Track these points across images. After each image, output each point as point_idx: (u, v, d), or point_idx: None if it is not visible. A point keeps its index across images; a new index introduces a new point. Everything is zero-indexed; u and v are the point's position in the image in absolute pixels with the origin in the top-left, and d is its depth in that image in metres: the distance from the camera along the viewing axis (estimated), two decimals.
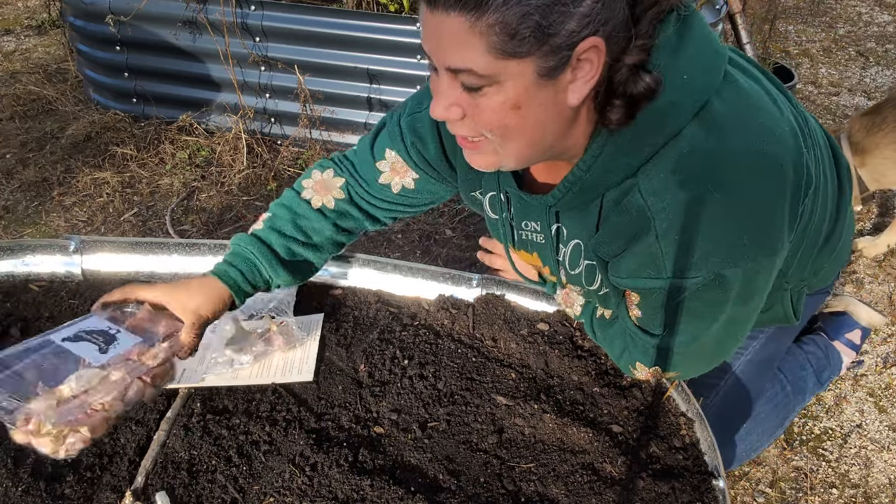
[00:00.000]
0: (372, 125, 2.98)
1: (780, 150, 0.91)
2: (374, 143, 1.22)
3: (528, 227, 1.12)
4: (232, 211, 2.66)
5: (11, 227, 2.55)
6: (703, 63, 0.88)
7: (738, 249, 0.90)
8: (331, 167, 1.24)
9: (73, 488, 0.98)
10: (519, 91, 0.80)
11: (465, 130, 0.88)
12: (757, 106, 0.92)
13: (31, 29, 4.09)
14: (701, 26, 0.88)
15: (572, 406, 1.14)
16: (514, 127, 0.84)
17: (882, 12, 4.52)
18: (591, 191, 0.94)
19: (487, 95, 0.81)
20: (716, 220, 0.88)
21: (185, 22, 2.87)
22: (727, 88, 0.90)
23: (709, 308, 0.98)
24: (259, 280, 1.15)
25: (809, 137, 1.06)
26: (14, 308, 1.28)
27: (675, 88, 0.85)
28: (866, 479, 1.70)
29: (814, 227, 1.12)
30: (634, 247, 0.93)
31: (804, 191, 0.97)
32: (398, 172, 1.20)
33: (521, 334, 1.27)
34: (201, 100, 3.06)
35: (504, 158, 0.90)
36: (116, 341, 0.94)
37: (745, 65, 1.00)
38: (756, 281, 0.97)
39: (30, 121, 3.17)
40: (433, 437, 1.08)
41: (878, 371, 1.99)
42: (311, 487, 0.99)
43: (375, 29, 2.75)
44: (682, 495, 1.00)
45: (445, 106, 0.84)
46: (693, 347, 1.04)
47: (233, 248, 1.16)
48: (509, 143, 0.87)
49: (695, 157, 0.87)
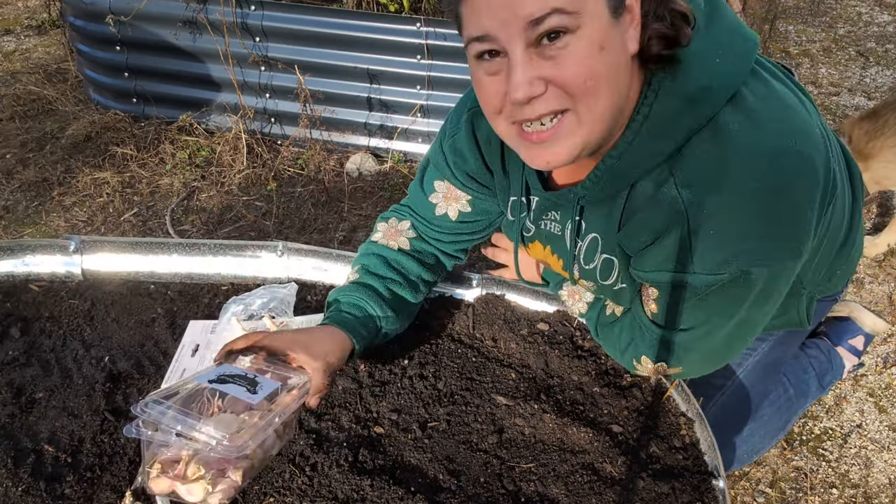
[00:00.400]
0: (372, 125, 2.99)
1: (815, 154, 0.91)
2: (422, 181, 1.25)
3: (549, 216, 1.12)
4: (232, 211, 2.66)
5: (11, 227, 2.55)
6: (734, 48, 0.88)
7: (769, 248, 0.90)
8: (392, 216, 1.28)
9: (73, 488, 0.98)
10: (601, 30, 0.80)
11: (551, 103, 0.83)
12: (792, 106, 0.92)
13: (31, 29, 4.09)
14: (728, 12, 0.89)
15: (572, 406, 1.14)
16: (603, 74, 0.82)
17: (882, 12, 4.51)
18: (622, 179, 0.94)
19: (570, 46, 0.79)
20: (751, 217, 0.88)
21: (186, 22, 2.87)
22: (755, 82, 0.90)
23: (728, 305, 0.98)
24: (371, 325, 1.14)
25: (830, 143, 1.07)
26: (14, 308, 1.28)
27: (707, 71, 0.85)
28: (866, 479, 1.70)
29: (832, 233, 1.12)
30: (664, 240, 0.93)
31: (830, 196, 0.97)
32: (451, 199, 1.22)
33: (521, 334, 1.27)
34: (201, 100, 3.06)
35: (584, 134, 0.86)
36: (260, 385, 0.89)
37: (770, 66, 1.00)
38: (778, 282, 0.97)
39: (30, 121, 3.17)
40: (433, 437, 1.08)
41: (879, 371, 1.99)
42: (311, 487, 0.99)
43: (375, 29, 2.75)
44: (682, 495, 1.00)
45: (528, 79, 0.81)
46: (704, 344, 1.04)
47: (338, 299, 1.17)
48: (598, 103, 0.83)
49: (733, 154, 0.87)
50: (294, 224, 2.62)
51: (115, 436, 1.05)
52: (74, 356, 1.19)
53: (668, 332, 1.04)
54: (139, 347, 1.21)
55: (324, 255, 1.38)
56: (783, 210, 0.89)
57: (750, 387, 1.44)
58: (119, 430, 1.06)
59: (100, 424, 1.07)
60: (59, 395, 1.11)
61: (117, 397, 1.12)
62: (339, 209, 2.70)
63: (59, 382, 1.13)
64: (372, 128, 3.01)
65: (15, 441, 1.04)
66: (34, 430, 1.06)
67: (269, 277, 1.38)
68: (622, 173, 0.93)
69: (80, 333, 1.24)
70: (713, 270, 0.91)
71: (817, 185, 0.92)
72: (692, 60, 0.87)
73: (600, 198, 0.99)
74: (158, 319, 1.27)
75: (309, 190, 2.81)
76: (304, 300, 1.34)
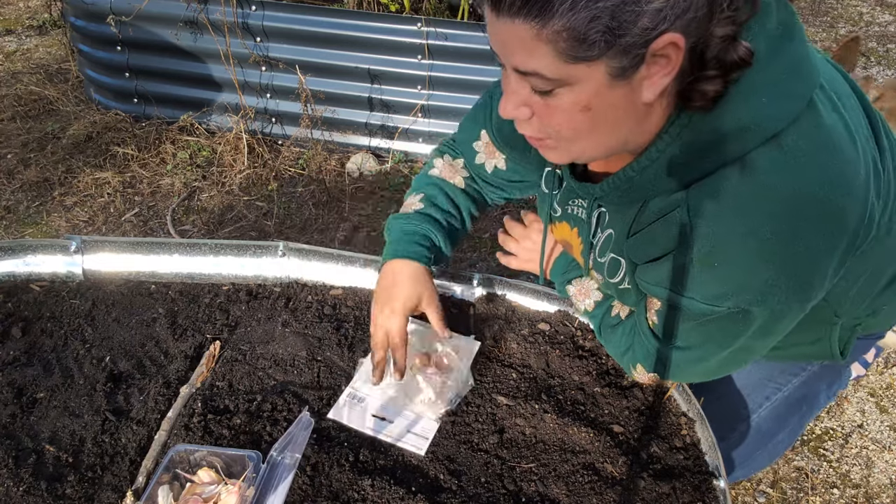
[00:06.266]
0: (372, 125, 2.99)
1: (848, 202, 0.84)
2: (473, 120, 1.24)
3: (576, 202, 1.11)
4: (233, 211, 2.66)
5: (13, 227, 2.55)
6: (789, 89, 0.81)
7: (773, 291, 0.86)
8: (447, 151, 1.31)
9: (74, 488, 0.98)
10: (590, 93, 0.77)
11: (532, 130, 0.85)
12: (835, 146, 0.84)
13: (32, 29, 4.10)
14: (800, 44, 0.82)
15: (573, 406, 1.14)
16: (583, 129, 0.81)
17: (883, 12, 4.51)
18: (637, 193, 0.92)
19: (558, 96, 0.79)
20: (759, 259, 0.84)
21: (186, 22, 2.87)
22: (808, 120, 0.83)
23: (725, 336, 0.96)
24: (435, 253, 1.22)
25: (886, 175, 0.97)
26: (15, 308, 1.28)
27: (750, 110, 0.79)
28: (867, 479, 1.70)
29: (875, 265, 1.04)
30: (668, 259, 0.91)
31: (860, 242, 0.91)
32: (490, 154, 1.23)
33: (521, 334, 1.27)
34: (202, 100, 3.06)
35: (574, 155, 0.88)
36: None
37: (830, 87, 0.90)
38: (780, 322, 0.93)
39: (31, 121, 3.17)
40: (434, 436, 1.08)
41: (879, 371, 1.99)
42: (312, 487, 0.99)
43: (376, 29, 2.75)
44: (682, 495, 1.00)
45: (515, 104, 0.82)
46: (697, 365, 1.03)
47: (402, 226, 1.22)
48: (576, 143, 0.84)
49: (755, 192, 0.82)
50: (295, 224, 2.62)
51: (116, 436, 1.06)
52: (75, 356, 1.19)
53: (664, 346, 1.03)
54: (140, 347, 1.21)
55: (325, 255, 1.38)
56: (795, 257, 0.84)
57: (772, 422, 1.39)
58: (120, 430, 1.06)
59: (101, 424, 1.07)
60: (60, 395, 1.11)
61: (118, 397, 1.12)
62: (339, 209, 2.71)
63: (60, 382, 1.14)
64: (373, 128, 3.01)
65: (16, 441, 1.04)
66: (35, 430, 1.06)
67: (269, 277, 1.38)
68: (639, 187, 0.91)
69: (81, 333, 1.24)
70: (711, 302, 0.89)
71: (843, 233, 0.86)
72: (735, 98, 0.80)
73: (616, 203, 0.99)
74: (159, 319, 1.27)
75: (310, 190, 2.81)
76: (304, 300, 1.34)
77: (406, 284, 1.15)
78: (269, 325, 1.28)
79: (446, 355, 1.18)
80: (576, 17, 0.70)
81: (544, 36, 0.72)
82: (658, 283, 0.94)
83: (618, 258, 1.04)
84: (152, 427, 1.07)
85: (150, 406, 1.10)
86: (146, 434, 1.06)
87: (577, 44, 0.72)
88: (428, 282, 1.17)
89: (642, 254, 0.96)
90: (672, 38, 0.72)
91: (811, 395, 1.46)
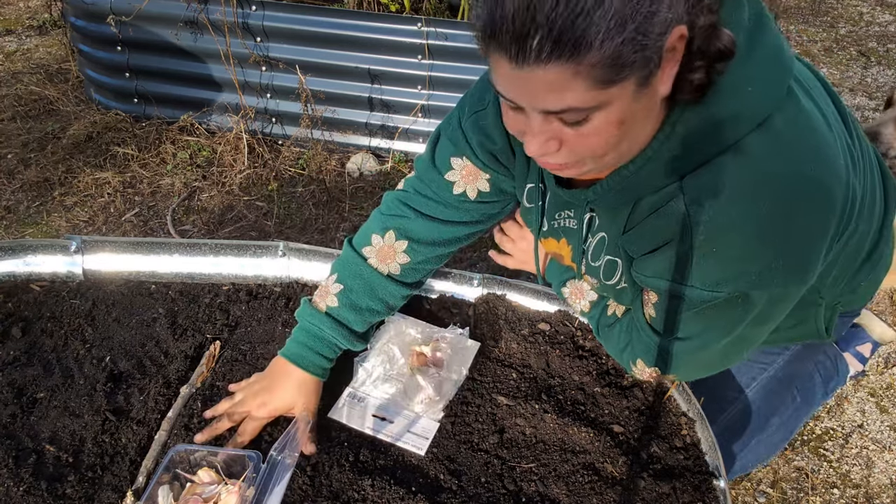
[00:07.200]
0: (373, 125, 2.99)
1: (833, 179, 0.88)
2: (433, 159, 1.18)
3: (562, 215, 1.11)
4: (233, 211, 2.66)
5: (13, 227, 2.55)
6: (771, 75, 0.84)
7: (772, 274, 0.88)
8: (390, 228, 1.19)
9: (74, 488, 0.98)
10: (622, 109, 0.76)
11: (560, 158, 0.84)
12: (816, 129, 0.89)
13: (32, 29, 4.10)
14: (773, 34, 0.85)
15: (573, 406, 1.14)
16: (614, 142, 0.81)
17: (883, 12, 4.51)
18: (632, 191, 0.93)
19: (591, 121, 0.77)
20: (757, 242, 0.86)
21: (187, 22, 2.87)
22: (790, 105, 0.87)
23: (725, 322, 0.97)
24: (338, 353, 1.18)
25: (859, 154, 1.03)
26: (15, 308, 1.28)
27: (739, 99, 0.82)
28: (868, 480, 1.70)
29: (855, 245, 1.09)
30: (666, 250, 0.92)
31: (847, 219, 0.95)
32: (470, 178, 1.17)
33: (521, 334, 1.27)
34: (202, 100, 3.06)
35: (603, 166, 0.88)
36: None
37: (799, 74, 0.96)
38: (778, 306, 0.96)
39: (31, 121, 3.17)
40: (434, 436, 1.08)
41: (880, 371, 1.99)
42: (312, 487, 0.99)
43: (376, 29, 2.75)
44: (683, 495, 1.00)
45: (540, 143, 0.81)
46: (698, 355, 1.03)
47: (308, 327, 1.16)
48: (607, 157, 0.84)
49: (752, 177, 0.85)
50: (295, 224, 2.62)
51: (116, 436, 1.06)
52: (76, 356, 1.19)
53: (663, 338, 1.03)
54: (140, 347, 1.21)
55: (325, 255, 1.38)
56: (792, 238, 0.87)
57: (761, 402, 1.42)
58: (120, 430, 1.06)
59: (101, 424, 1.07)
60: (60, 395, 1.11)
61: (118, 397, 1.12)
62: (340, 209, 2.71)
63: (60, 382, 1.14)
64: (373, 128, 3.01)
65: (16, 441, 1.04)
66: (35, 430, 1.06)
67: (269, 277, 1.38)
68: (634, 186, 0.92)
69: (82, 333, 1.24)
70: (711, 288, 0.90)
71: (832, 213, 0.89)
72: (724, 89, 0.83)
73: (609, 205, 0.99)
74: (159, 319, 1.27)
75: (310, 190, 2.81)
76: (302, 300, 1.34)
77: (290, 390, 1.10)
78: (270, 325, 1.28)
79: (444, 353, 1.18)
80: (612, 44, 0.69)
81: (580, 72, 0.71)
82: (657, 274, 0.95)
83: (614, 259, 1.04)
84: (152, 427, 1.07)
85: (150, 406, 1.10)
86: (146, 434, 1.06)
87: (614, 69, 0.71)
88: (312, 393, 1.12)
89: (639, 247, 0.97)
90: (680, 31, 0.74)
91: (801, 377, 1.52)
